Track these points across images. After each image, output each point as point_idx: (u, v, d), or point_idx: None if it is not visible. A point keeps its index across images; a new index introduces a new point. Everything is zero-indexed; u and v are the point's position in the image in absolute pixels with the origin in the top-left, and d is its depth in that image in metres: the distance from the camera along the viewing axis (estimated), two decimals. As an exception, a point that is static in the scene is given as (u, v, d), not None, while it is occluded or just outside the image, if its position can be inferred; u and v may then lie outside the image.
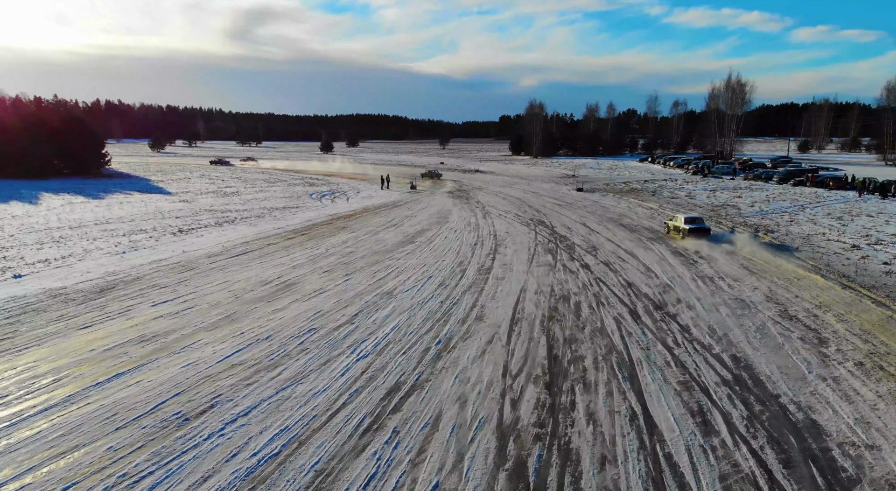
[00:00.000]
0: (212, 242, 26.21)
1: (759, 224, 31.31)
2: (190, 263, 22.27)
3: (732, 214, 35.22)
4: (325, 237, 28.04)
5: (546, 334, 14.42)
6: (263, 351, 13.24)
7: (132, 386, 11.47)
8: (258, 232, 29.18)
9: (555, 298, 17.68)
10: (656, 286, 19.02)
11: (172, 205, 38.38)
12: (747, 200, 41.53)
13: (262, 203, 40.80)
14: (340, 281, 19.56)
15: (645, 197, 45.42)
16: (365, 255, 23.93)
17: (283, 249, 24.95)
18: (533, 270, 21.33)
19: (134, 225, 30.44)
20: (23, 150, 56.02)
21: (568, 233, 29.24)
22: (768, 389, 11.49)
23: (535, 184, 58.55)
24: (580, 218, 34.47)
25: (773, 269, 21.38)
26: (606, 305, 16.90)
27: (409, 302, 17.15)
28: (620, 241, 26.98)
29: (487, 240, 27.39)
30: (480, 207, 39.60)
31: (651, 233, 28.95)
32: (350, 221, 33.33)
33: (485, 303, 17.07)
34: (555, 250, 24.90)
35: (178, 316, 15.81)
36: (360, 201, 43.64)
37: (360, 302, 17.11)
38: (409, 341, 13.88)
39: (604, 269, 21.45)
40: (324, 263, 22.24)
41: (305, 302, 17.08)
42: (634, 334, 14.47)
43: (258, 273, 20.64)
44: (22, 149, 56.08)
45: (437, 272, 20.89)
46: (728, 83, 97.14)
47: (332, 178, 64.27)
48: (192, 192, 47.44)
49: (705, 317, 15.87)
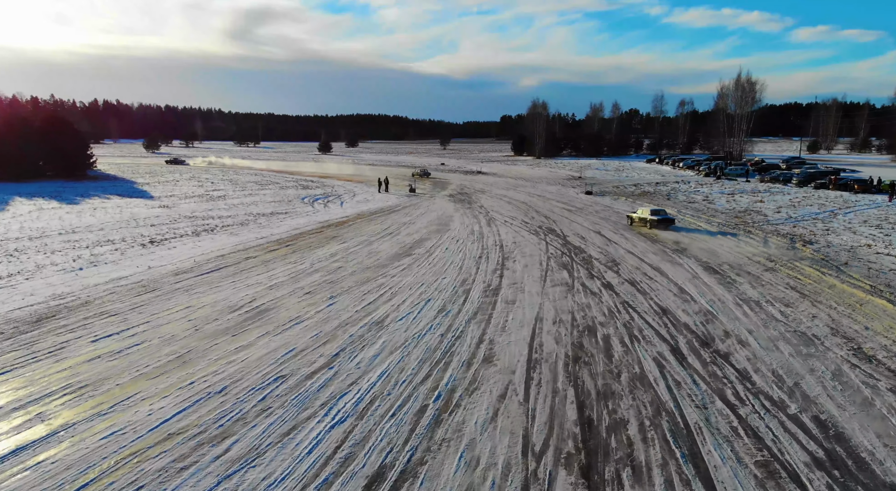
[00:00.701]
0: (183, 256, 23.29)
1: (792, 233, 28.35)
2: (152, 282, 19.34)
3: (759, 221, 32.26)
4: (311, 249, 25.11)
5: (574, 384, 11.49)
6: (213, 412, 10.32)
7: (27, 472, 8.56)
8: (238, 243, 26.26)
9: (578, 329, 14.74)
10: (696, 314, 16.08)
11: (150, 211, 35.46)
12: (771, 205, 38.57)
13: (249, 208, 37.88)
14: (323, 306, 16.63)
15: (659, 201, 42.44)
16: (355, 271, 21.01)
17: (262, 264, 22.03)
18: (548, 290, 18.40)
19: (102, 235, 27.52)
20: (3, 152, 53.23)
21: (582, 243, 26.31)
22: (878, 476, 8.56)
23: (540, 186, 55.63)
24: (593, 225, 31.53)
25: (826, 290, 18.44)
26: (641, 340, 13.97)
27: (403, 335, 14.23)
28: (643, 253, 24.04)
29: (493, 252, 24.48)
30: (484, 213, 36.68)
31: (676, 244, 26.01)
32: (342, 230, 30.41)
33: (494, 337, 14.14)
34: (570, 265, 21.98)
35: (119, 356, 12.90)
36: (355, 206, 40.72)
37: (344, 336, 14.18)
38: (399, 396, 10.96)
39: (630, 289, 18.51)
40: (306, 282, 19.31)
41: (277, 336, 14.16)
42: (684, 384, 11.53)
43: (228, 296, 17.72)
44: (3, 150, 53.29)
45: (436, 293, 17.97)
46: (738, 82, 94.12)
47: (327, 181, 61.35)
48: (175, 195, 44.53)
49: (765, 358, 12.94)
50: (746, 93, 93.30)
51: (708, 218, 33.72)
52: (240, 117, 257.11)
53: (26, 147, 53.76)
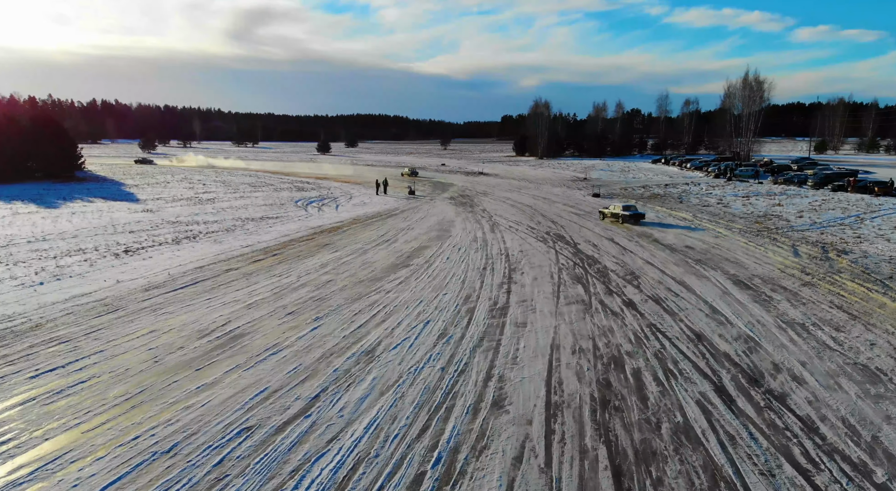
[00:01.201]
0: (158, 267, 21.17)
1: (821, 241, 26.21)
2: (117, 299, 17.23)
3: (782, 227, 30.13)
4: (300, 259, 22.99)
5: (605, 440, 9.37)
6: (154, 482, 8.21)
7: None
8: (221, 252, 24.14)
9: (602, 361, 12.62)
10: (736, 340, 13.95)
11: (132, 215, 33.35)
12: (791, 209, 36.42)
13: (238, 212, 35.75)
14: (306, 330, 14.52)
15: (672, 204, 40.32)
16: (346, 285, 18.89)
17: (244, 277, 19.91)
18: (562, 310, 16.27)
19: (74, 243, 25.40)
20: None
21: (595, 252, 24.18)
22: None
23: (544, 188, 53.49)
24: (605, 231, 29.40)
25: (876, 310, 16.30)
26: (679, 377, 11.84)
27: (397, 369, 12.11)
28: (663, 264, 21.92)
29: (498, 262, 22.36)
30: (487, 217, 34.57)
31: (699, 253, 23.87)
32: (335, 236, 28.29)
33: (504, 371, 12.02)
34: (584, 278, 19.85)
35: (58, 398, 10.79)
36: (351, 210, 38.60)
37: (327, 370, 12.07)
38: (389, 459, 8.83)
39: (655, 309, 16.38)
40: (290, 300, 17.20)
41: (249, 370, 12.04)
42: (739, 440, 9.41)
43: (200, 317, 15.61)
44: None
45: (436, 313, 15.85)
46: (745, 81, 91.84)
47: (323, 182, 59.24)
48: (163, 198, 42.41)
49: (828, 400, 10.81)
50: (754, 92, 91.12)
51: (727, 223, 31.58)
52: (239, 117, 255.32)
53: (9, 148, 51.65)
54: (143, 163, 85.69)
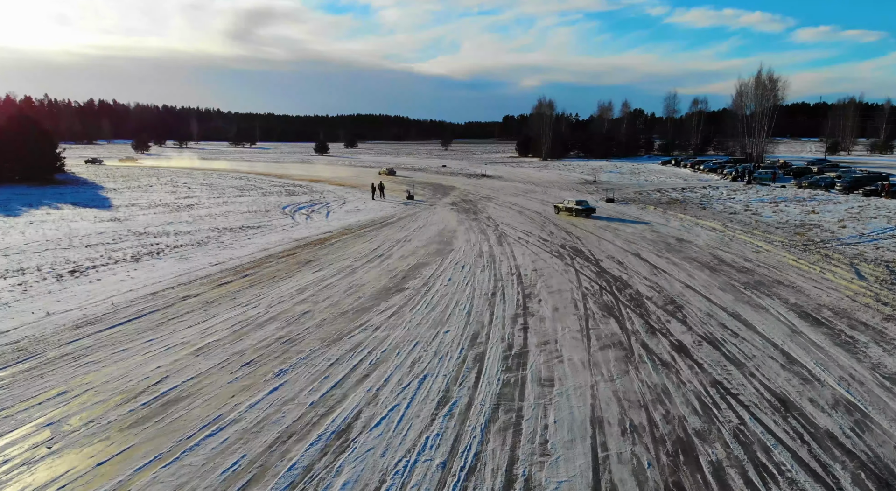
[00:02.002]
0: (102, 294, 17.67)
1: (881, 258, 22.67)
2: (36, 342, 13.73)
3: (828, 240, 26.58)
4: (275, 281, 19.50)
5: None
6: None
7: None
8: (184, 271, 20.64)
9: (665, 450, 9.10)
10: (834, 408, 10.42)
11: (96, 225, 29.82)
12: (828, 217, 32.88)
13: (216, 221, 32.24)
14: (262, 392, 11.01)
15: (694, 211, 36.79)
16: (324, 319, 15.40)
17: (202, 308, 16.40)
18: (596, 357, 12.77)
19: (16, 261, 21.90)
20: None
21: (622, 271, 20.67)
22: None
23: (552, 192, 49.97)
24: (627, 244, 25.88)
25: None
26: (779, 479, 8.32)
27: (379, 465, 8.61)
28: (706, 288, 18.39)
29: (509, 285, 18.87)
30: (493, 226, 31.06)
31: (746, 274, 20.34)
32: (321, 250, 24.78)
33: (531, 469, 8.51)
34: (616, 308, 16.34)
35: None
36: (343, 217, 35.10)
37: (280, 467, 8.55)
38: None
39: (715, 357, 12.86)
40: (252, 342, 13.69)
41: (168, 467, 8.53)
42: None
43: (131, 369, 12.10)
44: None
45: (435, 363, 12.36)
46: (758, 79, 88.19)
47: (316, 185, 55.74)
48: (138, 205, 38.88)
49: None
50: (767, 91, 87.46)
51: (763, 234, 28.05)
52: (239, 118, 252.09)
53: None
54: (92, 163, 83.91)
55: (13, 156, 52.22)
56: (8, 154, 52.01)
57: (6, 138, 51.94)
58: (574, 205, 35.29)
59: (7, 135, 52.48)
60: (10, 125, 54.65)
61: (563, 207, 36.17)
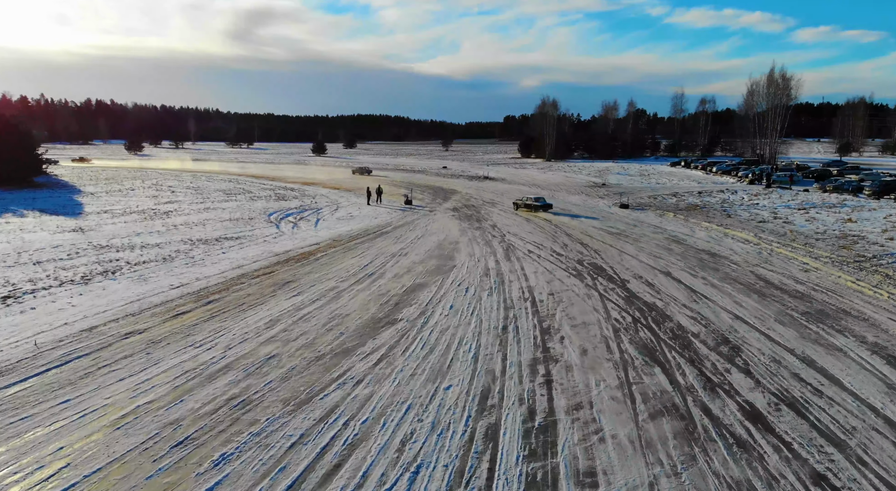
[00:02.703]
0: (28, 330, 14.48)
1: (953, 278, 19.49)
2: (-87, 403, 10.55)
3: (879, 254, 23.40)
4: (243, 310, 16.32)
5: None
6: None
7: None
8: (138, 296, 17.46)
9: None
10: None
11: (54, 237, 26.60)
12: (868, 227, 29.71)
13: (192, 231, 29.04)
14: (193, 496, 7.85)
15: (718, 218, 33.62)
16: (294, 367, 12.23)
17: (144, 351, 13.21)
18: (648, 432, 9.60)
19: (-57, 281, 18.73)
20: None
21: (654, 296, 17.51)
22: None
23: (560, 196, 46.80)
24: (653, 259, 22.71)
25: None
26: None
27: None
28: (761, 321, 15.21)
29: (523, 315, 15.72)
30: (499, 237, 27.90)
31: (802, 301, 17.16)
32: (303, 268, 21.62)
33: None
34: (658, 350, 13.17)
35: None
36: (333, 225, 31.93)
37: None
38: None
39: (800, 427, 9.68)
40: (194, 405, 10.52)
41: None
42: None
43: (20, 455, 8.93)
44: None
45: (432, 444, 9.21)
46: (770, 77, 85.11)
47: (309, 189, 52.57)
48: (111, 211, 35.69)
49: None
50: (780, 89, 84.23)
51: (805, 248, 24.87)
52: (239, 118, 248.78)
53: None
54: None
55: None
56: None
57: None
58: (533, 202, 38.38)
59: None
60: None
61: (521, 204, 39.16)
